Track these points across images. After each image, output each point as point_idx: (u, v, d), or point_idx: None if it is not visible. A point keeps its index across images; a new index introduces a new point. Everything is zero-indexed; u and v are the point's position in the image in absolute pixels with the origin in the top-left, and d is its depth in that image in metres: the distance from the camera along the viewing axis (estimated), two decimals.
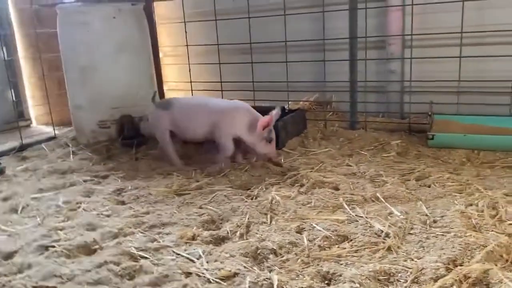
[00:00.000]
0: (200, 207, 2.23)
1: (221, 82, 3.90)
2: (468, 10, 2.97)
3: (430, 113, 3.09)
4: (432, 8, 3.17)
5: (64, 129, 4.07)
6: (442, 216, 1.98)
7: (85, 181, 2.75)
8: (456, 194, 2.22)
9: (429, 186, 2.36)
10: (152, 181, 2.66)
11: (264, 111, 3.52)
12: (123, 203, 2.39)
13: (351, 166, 2.72)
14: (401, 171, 2.61)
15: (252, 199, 2.30)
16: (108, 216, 2.21)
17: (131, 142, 3.43)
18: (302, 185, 2.43)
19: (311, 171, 2.62)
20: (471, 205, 2.08)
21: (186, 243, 1.88)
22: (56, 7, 3.55)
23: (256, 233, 1.92)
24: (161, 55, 4.49)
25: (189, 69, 4.02)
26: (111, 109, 3.57)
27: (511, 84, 2.93)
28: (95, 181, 2.75)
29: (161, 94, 4.36)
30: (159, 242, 1.89)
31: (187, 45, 3.98)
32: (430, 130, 2.97)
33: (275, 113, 2.70)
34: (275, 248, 1.76)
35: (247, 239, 1.88)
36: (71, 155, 3.30)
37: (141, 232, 2.00)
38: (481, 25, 3.04)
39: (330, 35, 3.49)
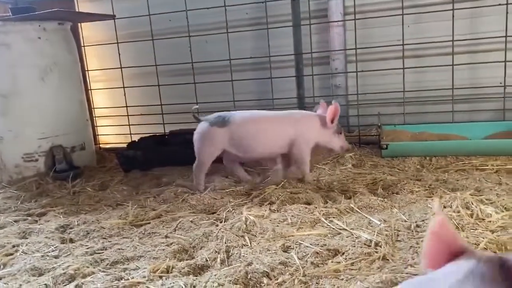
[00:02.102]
0: (166, 236, 1.98)
1: (161, 105, 3.67)
2: (408, 23, 3.11)
3: (379, 124, 3.14)
4: (373, 22, 3.28)
5: None
6: (423, 220, 1.95)
7: (16, 221, 2.35)
8: (427, 198, 2.21)
9: (397, 193, 2.34)
10: (101, 213, 2.35)
11: None
12: (71, 240, 2.06)
13: (314, 180, 2.63)
14: (365, 182, 2.58)
15: (222, 222, 2.10)
16: (56, 257, 1.87)
17: (66, 175, 3.05)
18: (272, 203, 2.28)
19: (276, 188, 2.49)
20: (445, 207, 2.08)
21: (161, 277, 1.62)
22: None
23: (239, 257, 1.72)
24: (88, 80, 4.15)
25: (124, 93, 3.74)
26: (38, 139, 3.17)
27: (451, 92, 3.07)
28: (29, 220, 2.36)
29: (91, 121, 4.01)
30: (128, 279, 1.62)
31: (121, 68, 3.71)
32: (381, 141, 3.00)
33: (336, 103, 2.59)
34: (266, 270, 1.58)
35: (230, 264, 1.68)
36: None
37: (103, 271, 1.70)
38: (421, 38, 3.19)
39: (274, 52, 3.46)
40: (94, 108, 4.08)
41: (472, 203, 2.06)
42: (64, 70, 3.29)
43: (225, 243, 1.84)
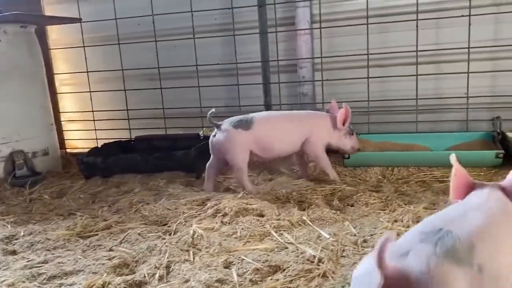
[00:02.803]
0: (110, 250, 1.94)
1: (127, 110, 3.62)
2: (374, 32, 3.11)
3: None
4: (340, 31, 3.26)
5: None
6: (371, 235, 1.93)
7: None
8: (380, 211, 2.19)
9: (352, 205, 2.32)
10: (50, 223, 2.29)
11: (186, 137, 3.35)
12: (14, 252, 2.00)
13: (274, 190, 2.60)
14: (324, 192, 2.56)
15: (171, 234, 2.06)
16: None
17: (24, 181, 2.99)
18: (225, 215, 2.25)
19: (234, 199, 2.45)
20: (396, 221, 2.06)
21: None
22: None
23: (179, 274, 1.69)
24: (57, 83, 4.08)
25: (90, 98, 3.69)
26: None
27: (415, 102, 3.07)
28: None
29: (58, 125, 3.94)
30: None
31: (87, 72, 3.65)
32: None
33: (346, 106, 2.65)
34: None
35: (168, 281, 1.64)
36: None
37: (38, 286, 1.66)
38: (384, 47, 3.18)
39: (242, 59, 3.43)
40: (60, 112, 4.02)
41: (423, 217, 2.05)
42: (26, 73, 3.23)
43: (168, 258, 1.80)
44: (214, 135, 2.59)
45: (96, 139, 3.77)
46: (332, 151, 3.05)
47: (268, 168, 3.00)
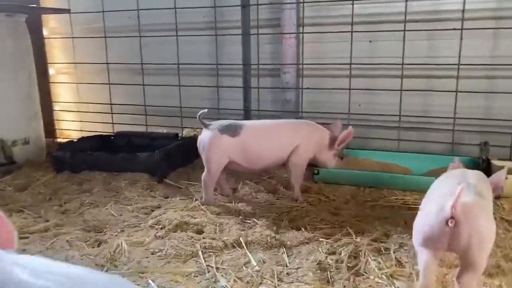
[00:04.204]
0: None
1: (110, 104, 3.60)
2: (359, 40, 2.90)
3: None
4: (327, 37, 3.07)
5: None
6: (297, 268, 1.79)
7: None
8: (323, 239, 2.04)
9: (299, 229, 2.17)
10: None
11: (164, 137, 3.29)
12: None
13: (230, 204, 2.50)
14: (280, 210, 2.42)
15: (97, 246, 2.00)
16: None
17: None
18: (163, 228, 2.17)
19: (182, 210, 2.36)
20: (334, 253, 1.91)
21: None
22: None
23: None
24: (52, 71, 4.12)
25: (77, 89, 3.69)
26: None
27: (399, 118, 2.85)
28: None
29: (50, 115, 3.99)
30: None
31: (74, 63, 3.65)
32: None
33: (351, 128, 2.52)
34: None
35: None
36: None
37: None
38: (371, 57, 2.97)
39: (226, 59, 3.31)
40: (54, 102, 4.06)
41: (365, 253, 1.89)
42: (9, 62, 3.25)
43: None
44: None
45: (82, 130, 3.78)
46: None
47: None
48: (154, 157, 2.79)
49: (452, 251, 1.45)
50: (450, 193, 1.40)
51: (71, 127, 4.09)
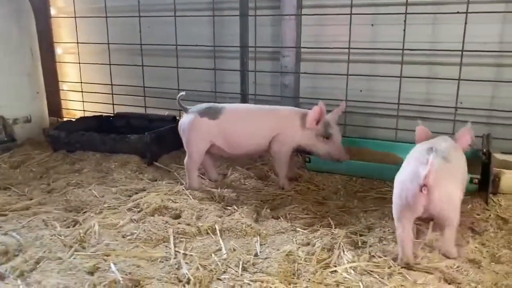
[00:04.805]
0: (5, 234, 1.91)
1: (111, 84, 3.59)
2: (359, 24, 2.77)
3: None
4: (328, 20, 2.94)
5: None
6: (266, 258, 1.73)
7: None
8: (300, 229, 1.97)
9: (277, 218, 2.11)
10: None
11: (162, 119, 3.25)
12: None
13: (215, 189, 2.45)
14: (264, 197, 2.37)
15: (72, 226, 2.00)
16: None
17: None
18: (140, 211, 2.15)
19: (165, 194, 2.34)
20: (308, 244, 1.85)
21: None
22: None
23: (40, 272, 1.62)
24: (60, 51, 4.14)
25: (80, 69, 3.69)
26: None
27: (397, 107, 2.72)
28: None
29: (56, 94, 4.03)
30: None
31: (77, 43, 3.65)
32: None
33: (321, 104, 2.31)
34: None
35: (24, 280, 1.58)
36: None
37: None
38: (373, 42, 2.83)
39: (228, 42, 3.23)
40: (61, 81, 4.08)
41: (340, 246, 1.81)
42: (10, 41, 3.27)
43: (44, 252, 1.74)
44: None
45: (84, 110, 3.79)
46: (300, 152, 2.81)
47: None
48: (144, 139, 2.76)
49: (428, 215, 1.61)
50: (421, 161, 1.56)
51: (77, 107, 4.12)
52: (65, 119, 4.07)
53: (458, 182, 1.66)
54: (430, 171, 1.48)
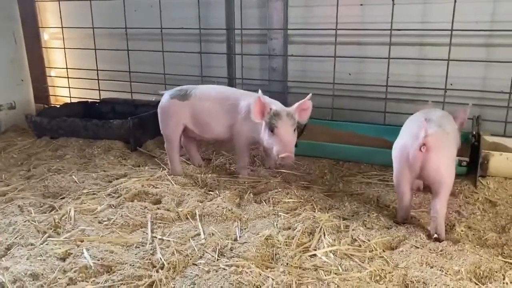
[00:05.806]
0: None
1: (97, 70, 3.51)
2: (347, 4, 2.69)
3: None
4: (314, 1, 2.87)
5: None
6: (244, 243, 1.68)
7: None
8: (282, 214, 1.92)
9: (261, 202, 2.06)
10: None
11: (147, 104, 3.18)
12: None
13: (199, 175, 2.39)
14: (248, 183, 2.30)
15: (49, 212, 1.95)
16: None
17: None
18: (119, 196, 2.09)
19: (147, 180, 2.28)
20: (288, 228, 1.80)
21: None
22: None
23: (11, 258, 1.58)
24: (47, 37, 4.06)
25: (65, 54, 3.62)
26: None
27: (386, 89, 2.65)
28: None
29: (43, 80, 3.95)
30: None
31: (62, 27, 3.57)
32: (298, 136, 2.66)
33: (260, 96, 2.05)
34: (6, 281, 1.42)
35: None
36: None
37: None
38: (360, 22, 2.76)
39: (211, 24, 3.15)
40: (47, 67, 4.01)
41: (320, 230, 1.76)
42: None
43: (16, 238, 1.70)
44: None
45: (70, 96, 3.73)
46: None
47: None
48: (127, 124, 2.70)
49: (424, 175, 1.72)
50: (420, 126, 1.67)
51: (65, 93, 4.05)
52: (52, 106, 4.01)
53: (453, 149, 1.80)
54: (429, 133, 1.63)
